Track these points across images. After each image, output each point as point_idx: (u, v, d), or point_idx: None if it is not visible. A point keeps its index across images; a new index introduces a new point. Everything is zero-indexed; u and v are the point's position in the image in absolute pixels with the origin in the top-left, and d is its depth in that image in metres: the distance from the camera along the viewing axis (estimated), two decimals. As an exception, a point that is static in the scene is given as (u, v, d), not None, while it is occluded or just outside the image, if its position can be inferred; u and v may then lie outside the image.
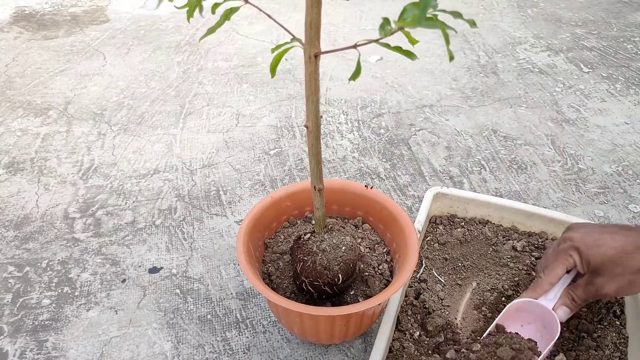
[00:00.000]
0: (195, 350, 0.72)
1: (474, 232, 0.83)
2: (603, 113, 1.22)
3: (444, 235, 0.83)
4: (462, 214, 0.86)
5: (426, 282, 0.75)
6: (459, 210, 0.86)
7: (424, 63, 1.45)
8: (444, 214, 0.86)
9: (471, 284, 0.76)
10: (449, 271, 0.78)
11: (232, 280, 0.82)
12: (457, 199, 0.84)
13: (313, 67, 0.47)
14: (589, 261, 0.62)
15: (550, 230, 0.81)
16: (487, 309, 0.72)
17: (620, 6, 1.79)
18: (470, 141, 1.13)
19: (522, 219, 0.83)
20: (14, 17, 1.78)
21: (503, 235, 0.83)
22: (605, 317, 0.69)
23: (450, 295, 0.74)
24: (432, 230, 0.84)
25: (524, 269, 0.77)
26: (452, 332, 0.68)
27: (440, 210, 0.86)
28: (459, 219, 0.85)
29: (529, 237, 0.82)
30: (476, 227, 0.84)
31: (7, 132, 1.18)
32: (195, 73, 1.42)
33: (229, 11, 0.44)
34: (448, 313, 0.71)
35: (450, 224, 0.85)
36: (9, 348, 0.72)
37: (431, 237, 0.83)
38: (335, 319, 0.60)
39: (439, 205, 0.86)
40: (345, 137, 1.15)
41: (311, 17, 0.43)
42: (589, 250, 0.62)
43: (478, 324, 0.70)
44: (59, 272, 0.84)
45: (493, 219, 0.85)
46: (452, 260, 0.79)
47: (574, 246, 0.63)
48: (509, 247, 0.80)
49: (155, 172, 1.05)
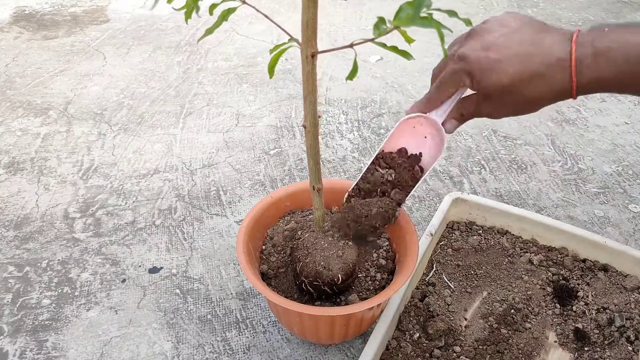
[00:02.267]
0: (195, 350, 0.72)
1: (491, 241, 0.81)
2: (603, 113, 1.22)
3: (459, 241, 0.81)
4: (481, 222, 0.84)
5: (434, 285, 0.74)
6: (478, 217, 0.84)
7: (423, 63, 1.45)
8: (462, 220, 0.84)
9: (482, 293, 0.74)
10: (459, 277, 0.76)
11: (232, 280, 0.82)
12: (477, 206, 0.82)
13: (310, 67, 0.47)
14: (480, 85, 0.56)
15: (572, 246, 0.79)
16: (494, 319, 0.70)
17: (620, 6, 1.79)
18: (470, 141, 1.13)
19: (542, 232, 0.80)
20: (14, 17, 1.79)
21: (521, 247, 0.81)
22: (617, 342, 0.67)
23: (459, 301, 0.73)
24: (448, 235, 0.82)
25: (538, 284, 0.75)
26: (454, 337, 0.68)
27: (459, 216, 0.84)
28: (478, 226, 0.83)
29: (548, 251, 0.79)
30: (493, 237, 0.82)
31: (7, 132, 1.18)
32: (195, 73, 1.42)
33: (227, 12, 0.44)
34: (452, 319, 0.70)
35: (468, 230, 0.83)
36: (9, 348, 0.72)
37: (445, 242, 0.81)
38: (335, 319, 0.60)
39: (458, 211, 0.84)
40: (345, 137, 1.15)
41: (307, 17, 0.43)
42: (482, 75, 0.55)
43: (483, 333, 0.69)
44: (59, 272, 0.84)
45: (513, 230, 0.82)
46: (464, 267, 0.77)
47: (467, 70, 0.56)
48: (525, 260, 0.78)
49: (155, 172, 1.05)
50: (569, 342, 0.68)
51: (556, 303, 0.72)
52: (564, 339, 0.68)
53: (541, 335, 0.68)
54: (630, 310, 0.71)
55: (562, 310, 0.72)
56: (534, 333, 0.68)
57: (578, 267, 0.78)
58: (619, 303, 0.72)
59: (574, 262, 0.78)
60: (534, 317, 0.71)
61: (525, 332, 0.68)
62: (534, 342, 0.67)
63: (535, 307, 0.72)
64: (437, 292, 0.74)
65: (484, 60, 0.54)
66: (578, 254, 0.79)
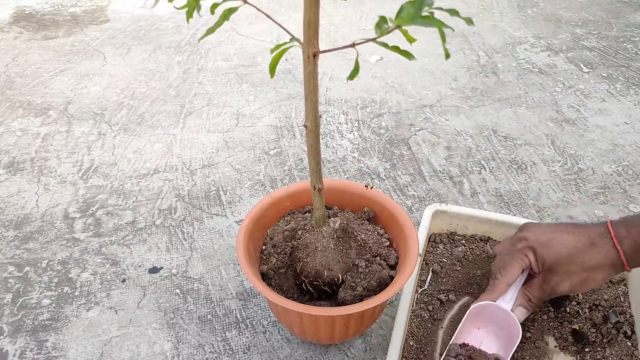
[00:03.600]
0: (195, 350, 0.72)
1: (476, 250, 0.80)
2: (603, 113, 1.22)
3: (445, 255, 0.79)
4: (462, 231, 0.83)
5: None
6: (459, 227, 0.82)
7: (424, 63, 1.45)
8: (443, 231, 0.83)
9: (462, 299, 0.73)
10: (452, 294, 0.74)
11: (232, 280, 0.82)
12: (457, 215, 0.81)
13: (312, 67, 0.47)
14: (544, 260, 0.62)
15: None
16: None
17: (620, 6, 1.79)
18: (470, 141, 1.13)
19: None
20: (14, 17, 1.79)
21: None
22: (615, 338, 0.68)
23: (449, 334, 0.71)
24: (432, 250, 0.80)
25: None
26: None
27: (440, 227, 0.83)
28: (459, 236, 0.82)
29: None
30: (477, 245, 0.81)
31: (7, 132, 1.18)
32: (195, 73, 1.42)
33: (228, 11, 0.44)
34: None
35: (451, 242, 0.82)
36: (9, 348, 0.72)
37: (432, 257, 0.79)
38: (335, 319, 0.60)
39: (438, 223, 0.82)
40: (345, 137, 1.15)
41: (309, 17, 0.43)
42: (543, 250, 0.62)
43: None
44: (59, 272, 0.84)
45: (495, 236, 0.82)
46: (455, 283, 0.76)
47: (529, 246, 0.64)
48: None
49: (155, 172, 1.05)
50: (569, 345, 0.68)
51: (549, 306, 0.72)
52: (564, 343, 0.68)
53: (541, 342, 0.68)
54: (621, 304, 0.72)
55: (556, 314, 0.71)
56: (535, 342, 0.68)
57: None
58: (609, 298, 0.72)
59: None
60: (531, 325, 0.70)
61: (526, 343, 0.68)
62: (537, 351, 0.67)
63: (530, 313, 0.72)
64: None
65: (542, 236, 0.63)
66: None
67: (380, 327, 0.75)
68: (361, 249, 0.67)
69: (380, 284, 0.64)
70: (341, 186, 0.75)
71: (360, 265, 0.64)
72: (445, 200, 0.97)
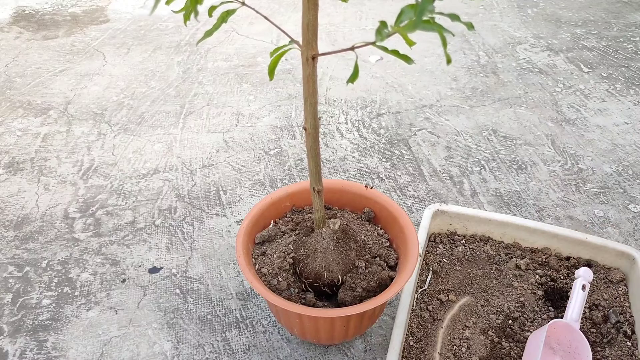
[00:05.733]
0: (195, 350, 0.72)
1: (476, 250, 0.80)
2: (603, 113, 1.22)
3: (445, 255, 0.79)
4: (462, 231, 0.83)
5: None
6: (458, 227, 0.83)
7: (424, 63, 1.45)
8: (443, 231, 0.83)
9: (462, 299, 0.74)
10: (454, 295, 0.75)
11: (232, 280, 0.82)
12: (457, 215, 0.81)
13: (311, 69, 0.47)
14: None
15: (554, 245, 0.79)
16: (493, 333, 0.70)
17: (620, 6, 1.79)
18: (470, 141, 1.13)
19: (525, 235, 0.80)
20: (14, 17, 1.79)
21: (505, 252, 0.80)
22: (615, 338, 0.68)
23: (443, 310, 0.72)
24: (432, 250, 0.81)
25: (529, 289, 0.75)
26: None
27: (440, 227, 0.83)
28: (459, 236, 0.83)
29: (532, 253, 0.79)
30: (477, 245, 0.81)
31: (7, 132, 1.18)
32: (195, 73, 1.42)
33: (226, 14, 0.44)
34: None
35: (451, 242, 0.82)
36: (9, 348, 0.73)
37: (432, 257, 0.79)
38: (335, 320, 0.60)
39: (438, 223, 0.83)
40: (345, 137, 1.15)
41: (308, 20, 0.43)
42: None
43: (485, 350, 0.68)
44: (59, 272, 0.84)
45: (494, 236, 0.82)
46: (456, 284, 0.76)
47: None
48: (512, 266, 0.78)
49: (155, 172, 1.05)
50: None
51: (549, 306, 0.73)
52: None
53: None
54: (620, 304, 0.72)
55: (556, 313, 0.72)
56: None
57: (563, 266, 0.78)
58: (609, 298, 0.73)
59: (558, 261, 0.78)
60: (531, 324, 0.70)
61: (525, 342, 0.68)
62: None
63: (529, 313, 0.72)
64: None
65: None
66: (561, 253, 0.79)
67: (380, 327, 0.75)
68: (361, 249, 0.67)
69: (380, 285, 0.64)
70: (341, 186, 0.75)
71: (360, 266, 0.64)
72: (445, 200, 0.97)
